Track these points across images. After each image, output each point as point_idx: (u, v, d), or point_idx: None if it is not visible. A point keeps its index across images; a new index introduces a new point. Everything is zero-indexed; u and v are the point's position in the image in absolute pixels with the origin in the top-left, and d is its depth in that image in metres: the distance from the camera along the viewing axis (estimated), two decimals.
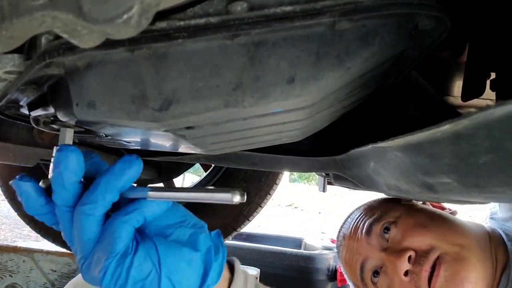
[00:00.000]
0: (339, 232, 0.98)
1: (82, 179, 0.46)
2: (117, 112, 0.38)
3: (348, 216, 0.99)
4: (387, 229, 0.85)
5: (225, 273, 0.54)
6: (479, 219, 0.95)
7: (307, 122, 0.49)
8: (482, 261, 0.77)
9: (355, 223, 0.93)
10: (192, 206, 1.49)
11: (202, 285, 0.47)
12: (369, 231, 0.87)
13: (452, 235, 0.80)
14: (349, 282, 0.97)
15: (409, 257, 0.78)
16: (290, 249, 2.41)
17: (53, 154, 0.49)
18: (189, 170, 1.74)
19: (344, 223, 0.99)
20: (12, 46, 0.28)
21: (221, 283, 0.51)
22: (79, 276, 1.60)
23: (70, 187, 0.45)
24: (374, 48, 0.37)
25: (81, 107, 0.39)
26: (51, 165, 0.49)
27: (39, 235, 1.61)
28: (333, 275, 2.27)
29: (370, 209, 0.94)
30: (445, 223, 0.84)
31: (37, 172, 1.34)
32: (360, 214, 0.94)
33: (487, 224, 0.93)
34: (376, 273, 0.84)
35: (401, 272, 0.77)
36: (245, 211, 1.43)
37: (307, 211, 7.93)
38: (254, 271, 1.89)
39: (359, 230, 0.89)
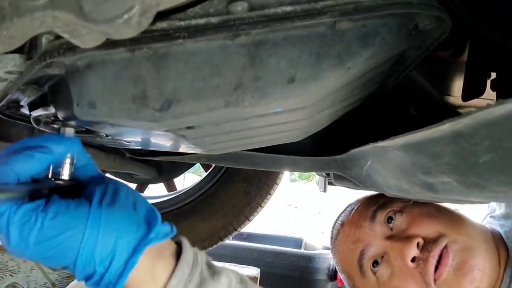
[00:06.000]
0: (336, 221, 0.96)
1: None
2: (117, 112, 0.38)
3: (347, 206, 0.97)
4: (391, 218, 0.83)
5: (173, 244, 0.53)
6: (478, 219, 0.95)
7: (307, 122, 0.49)
8: (488, 252, 0.76)
9: (357, 211, 0.90)
10: (192, 206, 1.50)
11: (144, 237, 0.48)
12: (373, 217, 0.85)
13: (460, 225, 0.79)
14: (341, 275, 0.94)
15: (417, 244, 0.76)
16: (290, 249, 2.41)
17: None
18: (189, 170, 1.74)
19: (342, 212, 0.97)
20: (13, 46, 0.28)
21: (168, 251, 0.51)
22: None
23: None
24: (375, 48, 0.37)
25: (82, 107, 0.39)
26: (51, 166, 0.49)
27: None
28: (333, 274, 2.27)
29: (373, 198, 0.92)
30: (452, 215, 0.83)
31: None
32: (362, 203, 0.92)
33: (487, 224, 0.92)
34: (375, 263, 0.82)
35: (408, 258, 0.75)
36: (246, 211, 1.43)
37: (307, 211, 7.93)
38: (254, 271, 1.89)
39: (362, 217, 0.87)
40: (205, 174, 1.53)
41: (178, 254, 0.52)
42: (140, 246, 0.47)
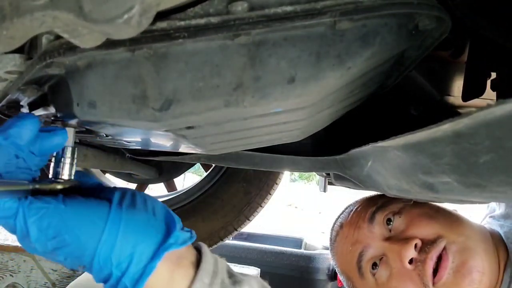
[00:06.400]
0: (335, 222, 0.96)
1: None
2: (117, 112, 0.38)
3: (346, 207, 0.97)
4: (389, 220, 0.83)
5: (193, 251, 0.52)
6: (477, 220, 0.95)
7: (307, 121, 0.49)
8: (487, 253, 0.76)
9: (356, 212, 0.91)
10: (192, 206, 1.50)
11: (163, 242, 0.47)
12: (372, 219, 0.85)
13: (458, 226, 0.79)
14: (341, 277, 0.94)
15: (415, 245, 0.76)
16: (290, 249, 2.41)
17: (54, 154, 0.49)
18: (189, 170, 1.74)
19: (341, 213, 0.97)
20: (13, 46, 0.28)
21: (187, 259, 0.50)
22: (79, 278, 1.61)
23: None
24: (375, 48, 0.37)
25: (82, 107, 0.39)
26: (52, 164, 0.49)
27: None
28: (333, 275, 2.27)
29: (372, 199, 0.92)
30: (450, 216, 0.83)
31: None
32: (361, 204, 0.92)
33: (486, 224, 0.92)
34: (374, 265, 0.82)
35: (406, 259, 0.75)
36: (246, 211, 1.43)
37: (307, 211, 7.93)
38: (254, 271, 1.89)
39: (361, 218, 0.87)
40: (205, 174, 1.53)
41: (198, 262, 0.50)
42: (159, 251, 0.46)
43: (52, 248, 0.44)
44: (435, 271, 0.74)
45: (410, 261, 0.76)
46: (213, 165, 1.47)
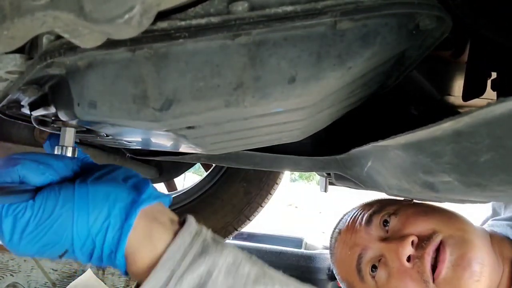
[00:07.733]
0: (334, 229, 0.96)
1: None
2: (118, 112, 0.38)
3: (344, 214, 0.98)
4: (386, 222, 0.84)
5: (174, 214, 0.52)
6: (477, 222, 0.95)
7: (308, 121, 0.49)
8: (486, 246, 0.75)
9: (353, 217, 0.91)
10: (192, 206, 1.49)
11: (136, 200, 0.47)
12: (369, 222, 0.85)
13: (454, 222, 0.79)
14: (341, 284, 0.94)
15: (412, 242, 0.76)
16: (290, 249, 2.41)
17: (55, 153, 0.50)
18: (190, 169, 1.74)
19: (340, 221, 0.97)
20: (14, 46, 0.28)
21: (166, 215, 0.50)
22: (79, 278, 1.61)
23: None
24: (375, 48, 0.37)
25: (82, 107, 0.39)
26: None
27: None
28: (333, 274, 2.27)
29: (368, 204, 0.93)
30: (446, 212, 0.83)
31: None
32: (358, 210, 0.93)
33: (487, 227, 0.92)
34: (374, 267, 0.82)
35: (403, 257, 0.75)
36: (246, 211, 1.43)
37: (308, 211, 7.92)
38: None
39: (358, 222, 0.88)
40: (205, 174, 1.54)
41: (181, 224, 0.50)
42: (133, 209, 0.46)
43: (27, 244, 0.44)
44: (434, 267, 0.74)
45: (408, 259, 0.76)
46: (213, 165, 1.47)
